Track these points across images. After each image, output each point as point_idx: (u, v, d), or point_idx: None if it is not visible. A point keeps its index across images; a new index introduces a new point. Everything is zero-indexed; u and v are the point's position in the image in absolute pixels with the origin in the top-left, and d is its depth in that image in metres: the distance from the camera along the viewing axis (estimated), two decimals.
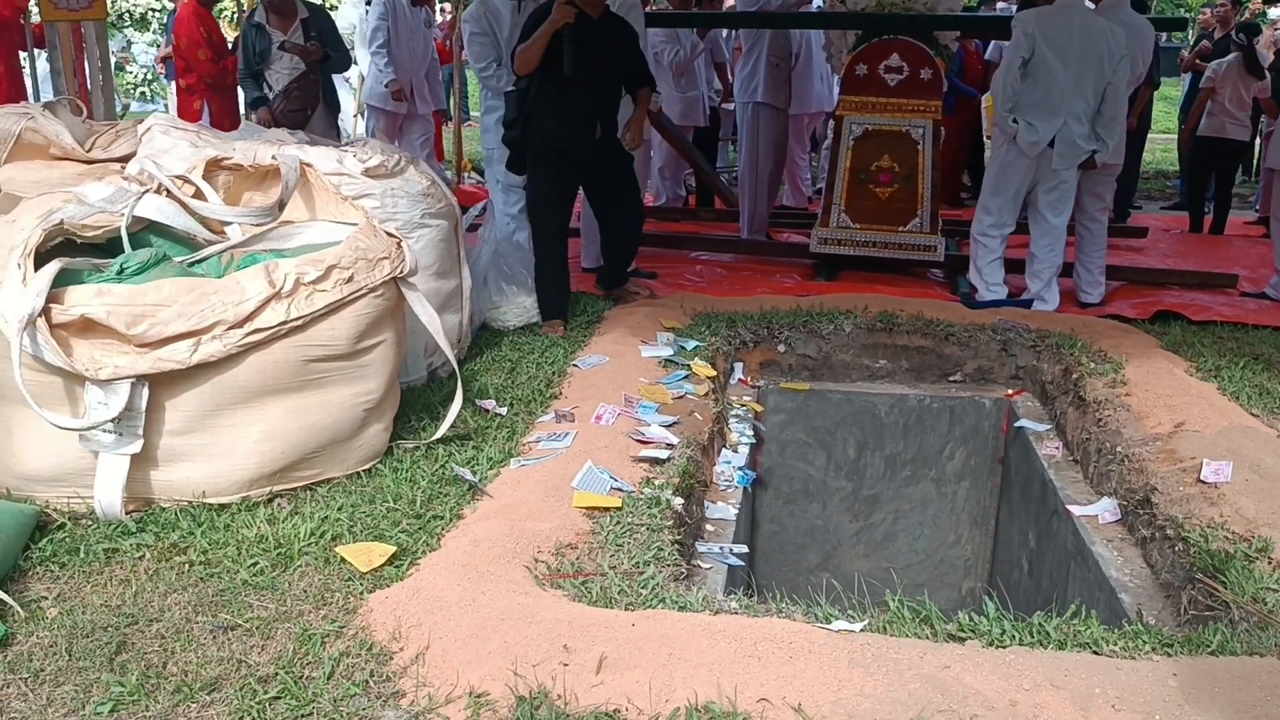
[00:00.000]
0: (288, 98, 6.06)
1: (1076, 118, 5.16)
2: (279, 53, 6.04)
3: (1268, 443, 3.42)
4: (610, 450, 3.19)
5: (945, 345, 4.86)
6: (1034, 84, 5.16)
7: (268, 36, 6.09)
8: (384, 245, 3.04)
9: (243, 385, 2.73)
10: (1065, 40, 5.10)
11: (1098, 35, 5.12)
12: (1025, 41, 5.13)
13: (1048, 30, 5.12)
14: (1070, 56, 5.11)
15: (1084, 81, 5.14)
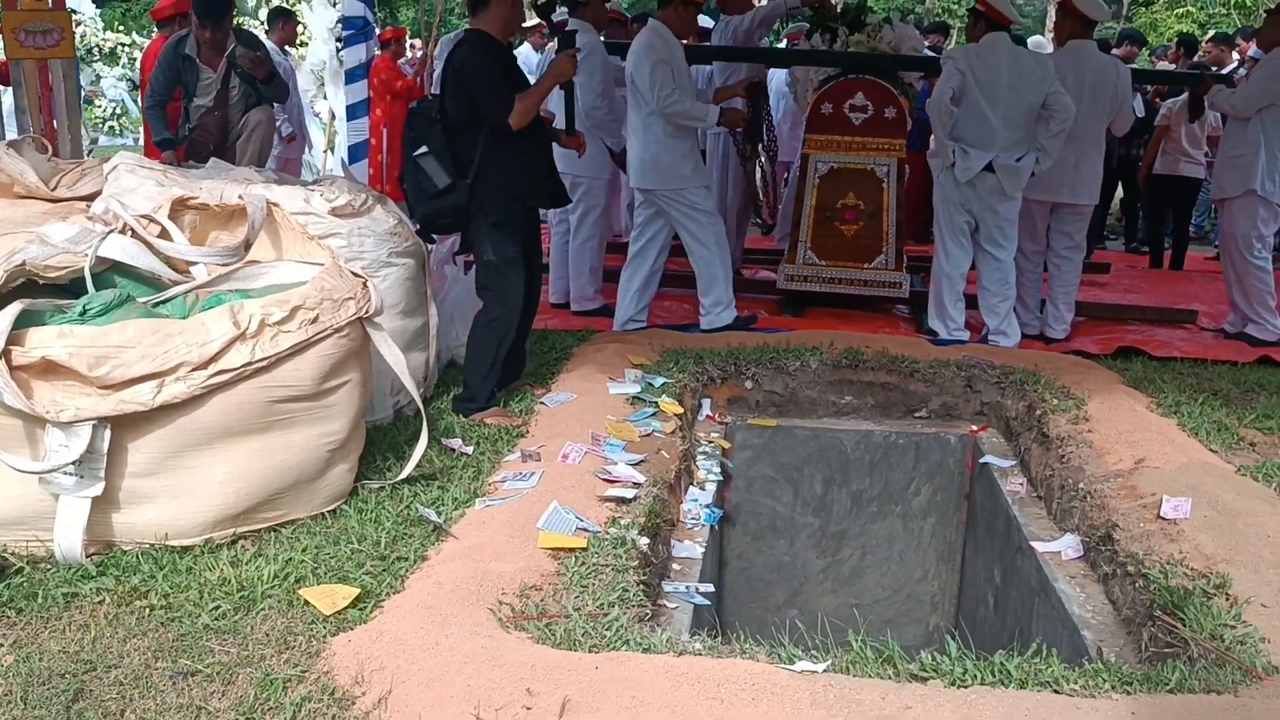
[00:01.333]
0: (191, 139, 5.81)
1: (1010, 147, 5.28)
2: (203, 92, 5.77)
3: (1225, 479, 3.47)
4: (576, 490, 3.20)
5: (910, 381, 4.91)
6: (967, 117, 5.29)
7: (196, 73, 5.78)
8: (349, 285, 3.04)
9: (207, 426, 2.71)
10: (993, 75, 5.23)
11: (1025, 68, 5.25)
12: (955, 77, 5.27)
13: (976, 66, 5.26)
14: (999, 91, 5.25)
15: (1013, 113, 5.26)
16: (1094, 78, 5.44)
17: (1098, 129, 5.59)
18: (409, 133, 3.93)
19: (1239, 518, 3.13)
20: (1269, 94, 5.48)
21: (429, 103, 4.01)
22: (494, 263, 4.02)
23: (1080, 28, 5.50)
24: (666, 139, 5.34)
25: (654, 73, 5.21)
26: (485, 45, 4.01)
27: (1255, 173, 5.53)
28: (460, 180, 3.88)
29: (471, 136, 3.92)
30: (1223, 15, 23.27)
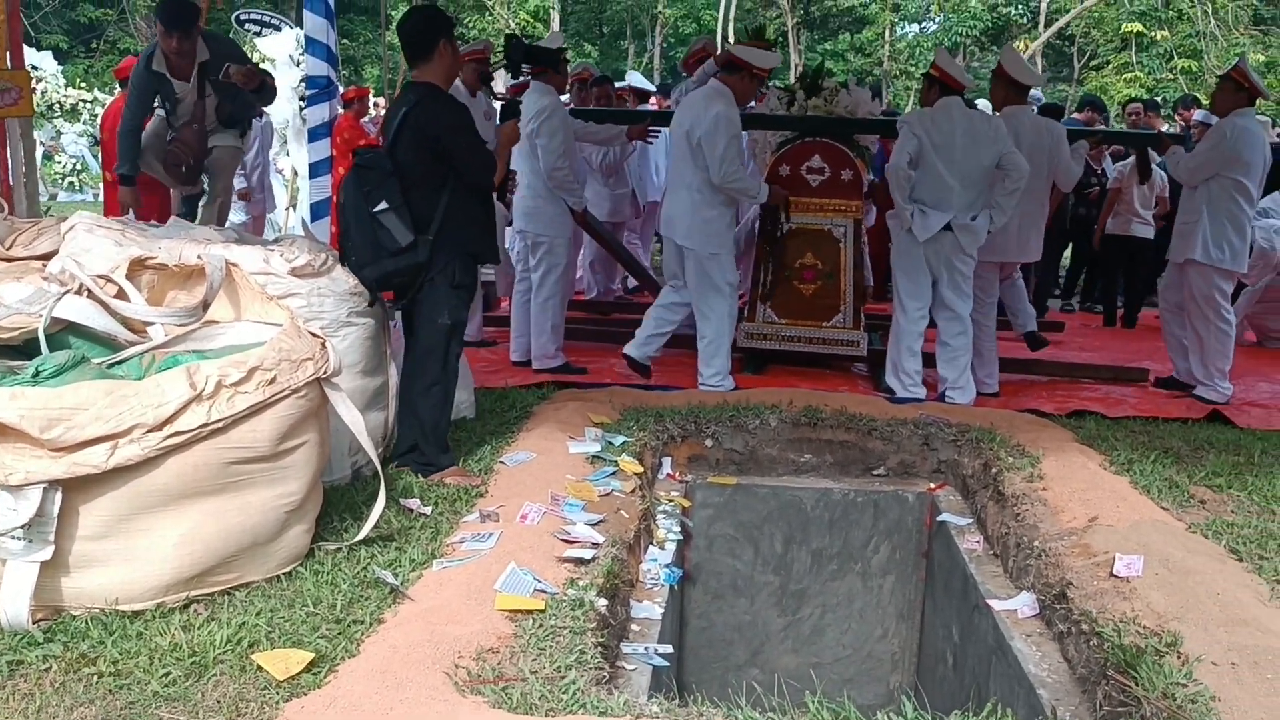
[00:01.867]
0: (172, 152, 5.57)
1: (966, 207, 5.40)
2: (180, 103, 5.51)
3: (1176, 536, 3.53)
4: (534, 550, 3.19)
5: (869, 439, 4.95)
6: (924, 179, 5.41)
7: (170, 85, 5.47)
8: (308, 346, 3.04)
9: (161, 489, 2.69)
10: (948, 138, 5.36)
11: (977, 130, 5.39)
12: (911, 140, 5.38)
13: (931, 130, 5.38)
14: (954, 153, 5.38)
15: (969, 174, 5.40)
16: (1031, 139, 5.63)
17: (1040, 189, 5.78)
18: (360, 186, 3.78)
19: (1189, 575, 3.17)
20: (1213, 164, 5.65)
21: (377, 156, 3.87)
22: (447, 326, 3.97)
23: (1015, 94, 5.70)
24: (719, 207, 5.48)
25: (728, 147, 5.32)
26: (457, 103, 4.07)
27: (1196, 241, 5.70)
28: (422, 237, 3.80)
29: (429, 193, 3.85)
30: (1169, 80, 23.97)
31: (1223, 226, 5.64)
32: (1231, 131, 5.62)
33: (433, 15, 4.08)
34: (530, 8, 26.44)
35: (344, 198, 3.84)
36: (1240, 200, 5.63)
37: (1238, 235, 5.64)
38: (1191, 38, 24.97)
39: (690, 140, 5.39)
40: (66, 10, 26.80)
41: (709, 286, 5.53)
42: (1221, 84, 5.90)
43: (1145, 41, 25.70)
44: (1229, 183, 5.63)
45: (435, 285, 3.92)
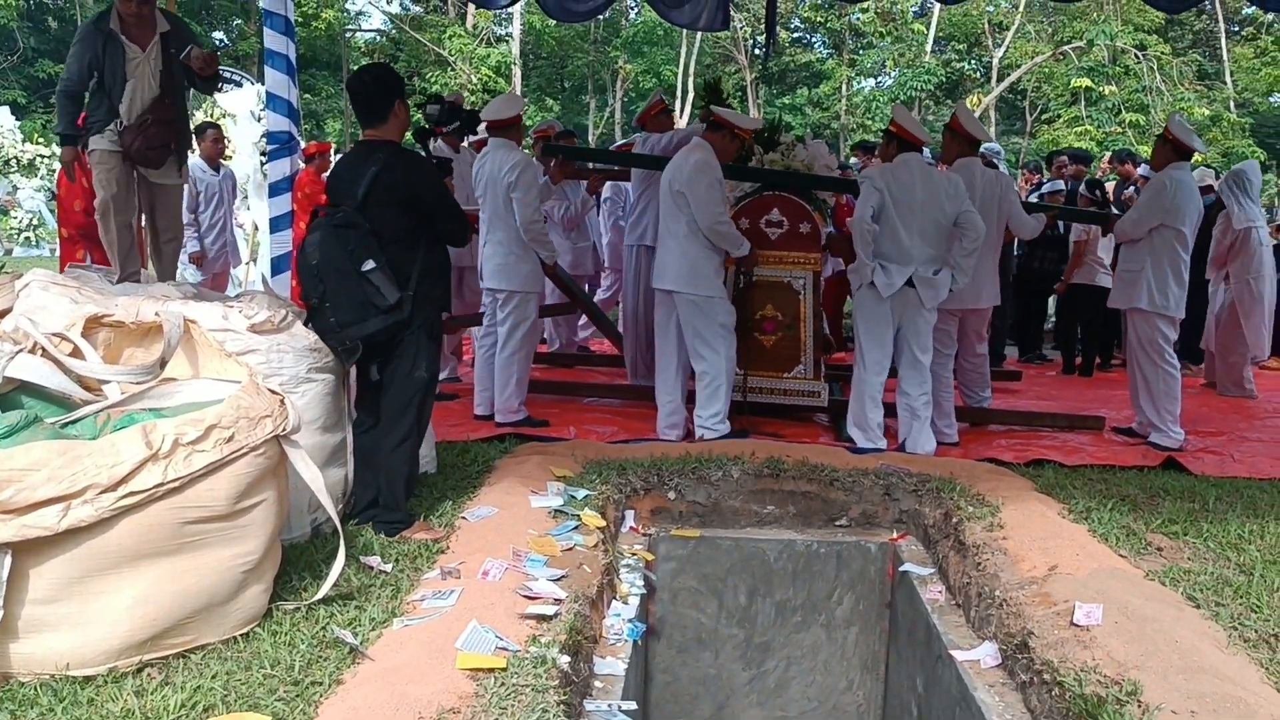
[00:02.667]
0: (142, 132, 5.08)
1: (926, 262, 5.48)
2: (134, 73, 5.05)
3: (1134, 584, 3.56)
4: (496, 607, 3.16)
5: (830, 490, 4.97)
6: (885, 234, 5.49)
7: (121, 50, 5.01)
8: (266, 403, 3.02)
9: (115, 550, 2.65)
10: (908, 193, 5.46)
11: (936, 186, 5.50)
12: (874, 195, 5.47)
13: (892, 185, 5.48)
14: (914, 208, 5.47)
15: (928, 229, 5.49)
16: (984, 191, 5.79)
17: (993, 238, 5.90)
18: (345, 246, 3.77)
19: (1148, 623, 3.20)
20: (1154, 216, 5.82)
21: (354, 215, 3.84)
22: (424, 379, 3.99)
23: (967, 147, 5.84)
24: (706, 250, 5.59)
25: (710, 190, 5.49)
26: (427, 161, 4.12)
27: (1141, 289, 5.86)
28: (405, 294, 3.82)
29: (405, 250, 3.88)
30: (1119, 134, 24.56)
31: (1165, 275, 5.80)
32: (1170, 184, 5.82)
33: (386, 75, 4.10)
34: (492, 63, 26.69)
35: (320, 258, 3.78)
36: (1179, 249, 5.82)
37: (1178, 283, 5.81)
38: (1138, 92, 25.67)
39: (673, 189, 5.55)
40: (25, 66, 26.74)
41: (707, 328, 5.61)
42: (1158, 142, 6.15)
43: (1094, 96, 26.37)
44: (1170, 233, 5.80)
45: (415, 339, 3.93)
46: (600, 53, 31.91)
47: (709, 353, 5.61)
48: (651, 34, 29.22)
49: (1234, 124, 25.72)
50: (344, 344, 3.83)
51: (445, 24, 28.92)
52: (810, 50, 34.15)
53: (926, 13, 30.07)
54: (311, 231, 3.86)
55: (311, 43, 29.17)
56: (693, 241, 5.55)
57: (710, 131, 5.68)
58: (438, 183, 4.03)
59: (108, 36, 4.96)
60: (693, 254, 5.56)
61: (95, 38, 4.98)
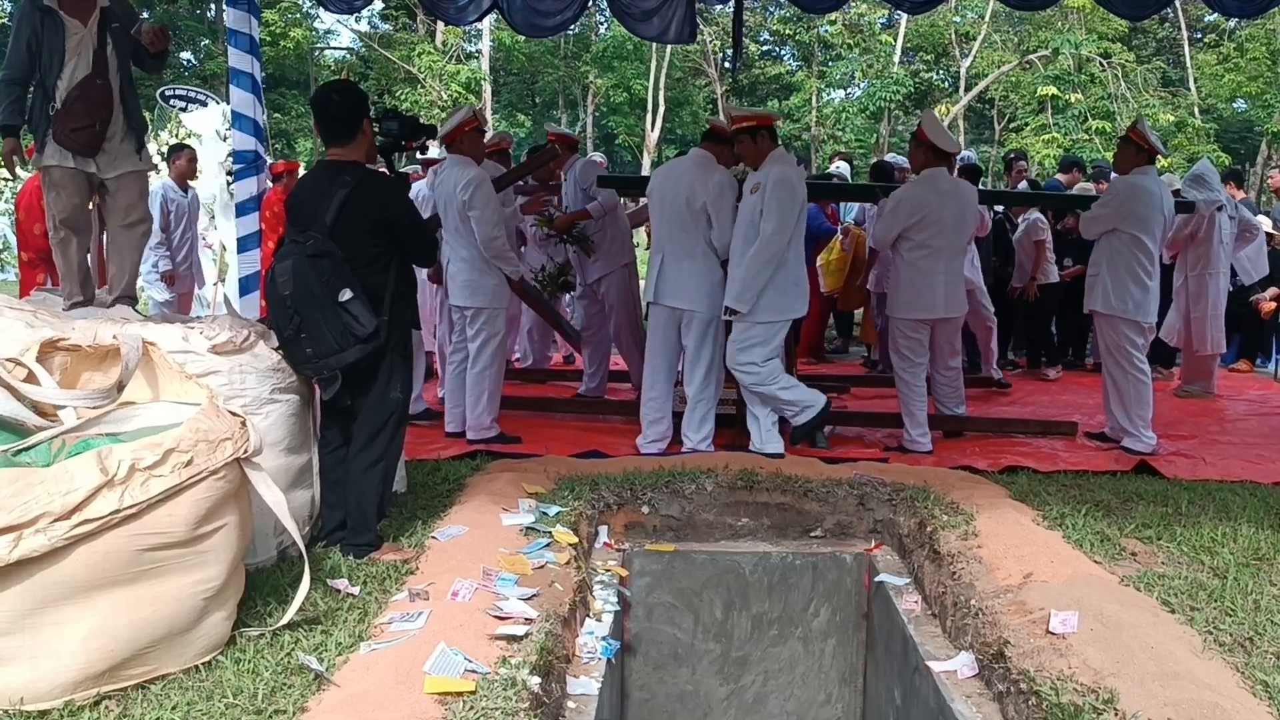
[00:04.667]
0: (69, 113, 4.59)
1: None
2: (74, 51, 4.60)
3: (1109, 590, 3.55)
4: (465, 629, 3.11)
5: (805, 501, 4.94)
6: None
7: (61, 28, 4.59)
8: (227, 425, 2.96)
9: (69, 580, 2.58)
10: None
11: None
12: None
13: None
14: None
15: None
16: (954, 201, 5.81)
17: (959, 245, 5.94)
18: (320, 276, 3.67)
19: (1124, 630, 3.18)
20: (1109, 219, 5.88)
21: (325, 243, 3.73)
22: (398, 400, 3.94)
23: (934, 157, 5.85)
24: (719, 268, 5.61)
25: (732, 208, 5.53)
26: (399, 184, 4.06)
27: (1098, 291, 5.94)
28: (381, 319, 3.76)
29: (377, 273, 3.82)
30: (1085, 140, 24.77)
31: (1122, 278, 5.84)
32: (1126, 189, 5.86)
33: (353, 92, 4.02)
34: (462, 79, 26.65)
35: (294, 289, 3.68)
36: (1137, 253, 5.83)
37: (1138, 287, 5.82)
38: (1104, 100, 25.91)
39: (691, 208, 5.51)
40: None
41: (711, 350, 5.62)
42: (1122, 145, 6.16)
43: (1061, 104, 26.60)
44: (1126, 237, 5.84)
45: (391, 362, 3.89)
46: (570, 68, 31.95)
47: (705, 376, 5.64)
48: (621, 48, 29.27)
49: (1199, 130, 25.99)
50: (322, 374, 3.76)
51: (414, 41, 28.89)
52: (779, 63, 34.32)
53: (894, 24, 30.27)
54: (280, 259, 3.76)
55: (280, 61, 29.05)
56: (710, 261, 5.58)
57: (713, 144, 5.72)
58: (407, 204, 3.98)
59: (45, 12, 4.60)
60: (713, 274, 5.59)
61: (32, 15, 4.60)
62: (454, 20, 11.37)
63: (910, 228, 5.78)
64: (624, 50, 29.35)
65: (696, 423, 5.66)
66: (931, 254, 5.78)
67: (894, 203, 5.83)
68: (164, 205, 8.77)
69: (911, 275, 5.84)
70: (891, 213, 5.83)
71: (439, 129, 5.81)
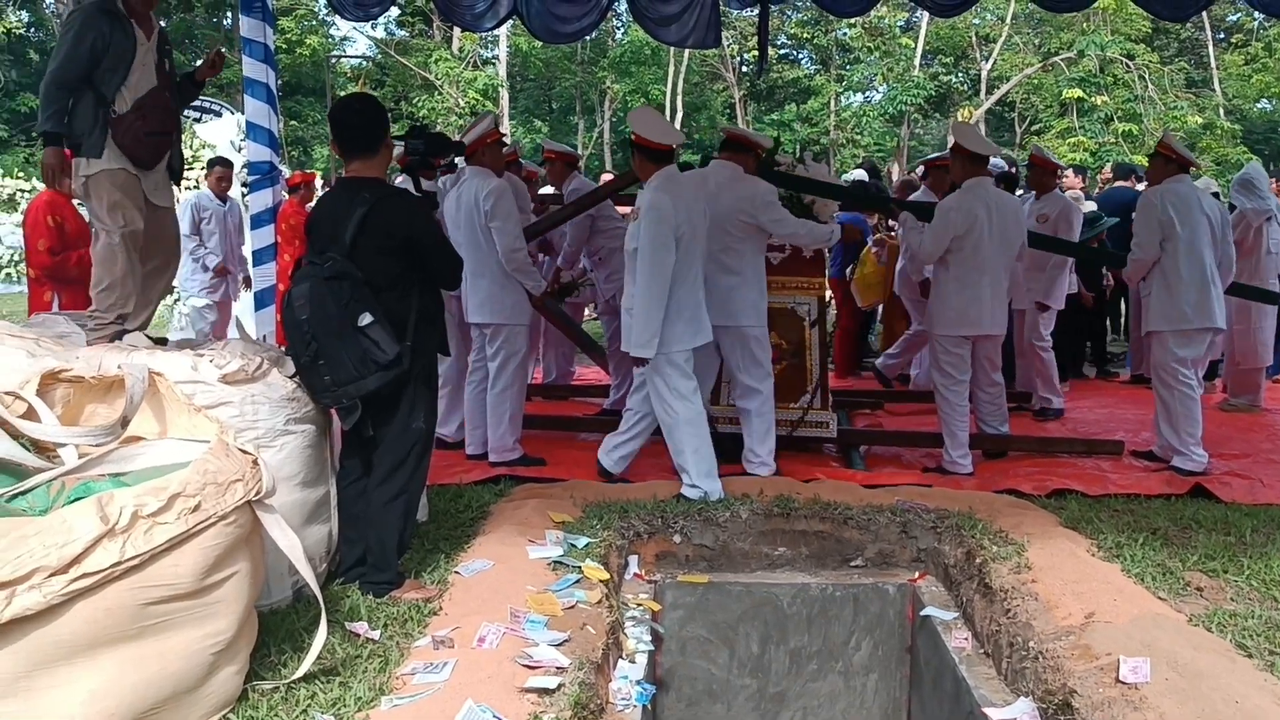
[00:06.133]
0: (142, 116, 4.31)
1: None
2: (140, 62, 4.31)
3: (1179, 632, 3.31)
4: (494, 681, 2.90)
5: (844, 529, 4.72)
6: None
7: (132, 36, 4.30)
8: (236, 466, 2.76)
9: (67, 639, 2.38)
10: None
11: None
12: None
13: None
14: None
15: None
16: (999, 212, 5.54)
17: (1007, 261, 5.68)
18: (339, 300, 3.47)
19: (1201, 679, 2.95)
20: (1153, 232, 5.64)
21: (344, 265, 3.52)
22: (421, 430, 3.73)
23: (975, 166, 5.61)
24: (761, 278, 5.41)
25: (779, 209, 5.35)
26: (420, 201, 3.86)
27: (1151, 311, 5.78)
28: (404, 345, 3.55)
29: (400, 297, 3.62)
30: (1112, 144, 24.44)
31: (1164, 291, 5.65)
32: (1159, 199, 5.65)
33: (373, 106, 3.80)
34: (479, 86, 26.49)
35: (311, 313, 3.48)
36: (1187, 260, 5.59)
37: (1187, 294, 5.59)
38: (1130, 102, 25.55)
39: (733, 220, 5.25)
40: (6, 100, 26.49)
41: (762, 363, 5.41)
42: (1153, 159, 6.01)
43: (1086, 106, 26.26)
44: (1170, 247, 5.62)
45: (415, 389, 3.69)
46: (588, 73, 31.76)
47: (764, 388, 5.42)
48: (639, 54, 29.05)
49: (1226, 131, 25.61)
50: (341, 403, 3.55)
51: (431, 48, 28.74)
52: (798, 66, 34.05)
53: (913, 27, 30.00)
54: (297, 282, 3.55)
55: (296, 69, 28.97)
56: (749, 274, 5.35)
57: (736, 153, 5.50)
58: (430, 223, 3.75)
59: (114, 18, 4.26)
60: (758, 285, 5.39)
61: (99, 19, 4.23)
62: (471, 27, 11.22)
63: (956, 240, 5.53)
64: (642, 55, 29.14)
65: (761, 436, 5.44)
66: (977, 268, 5.54)
67: (942, 214, 5.55)
68: (194, 212, 8.64)
69: (957, 290, 5.59)
70: (941, 225, 5.54)
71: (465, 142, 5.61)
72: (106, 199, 4.29)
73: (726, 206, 5.24)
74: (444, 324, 3.94)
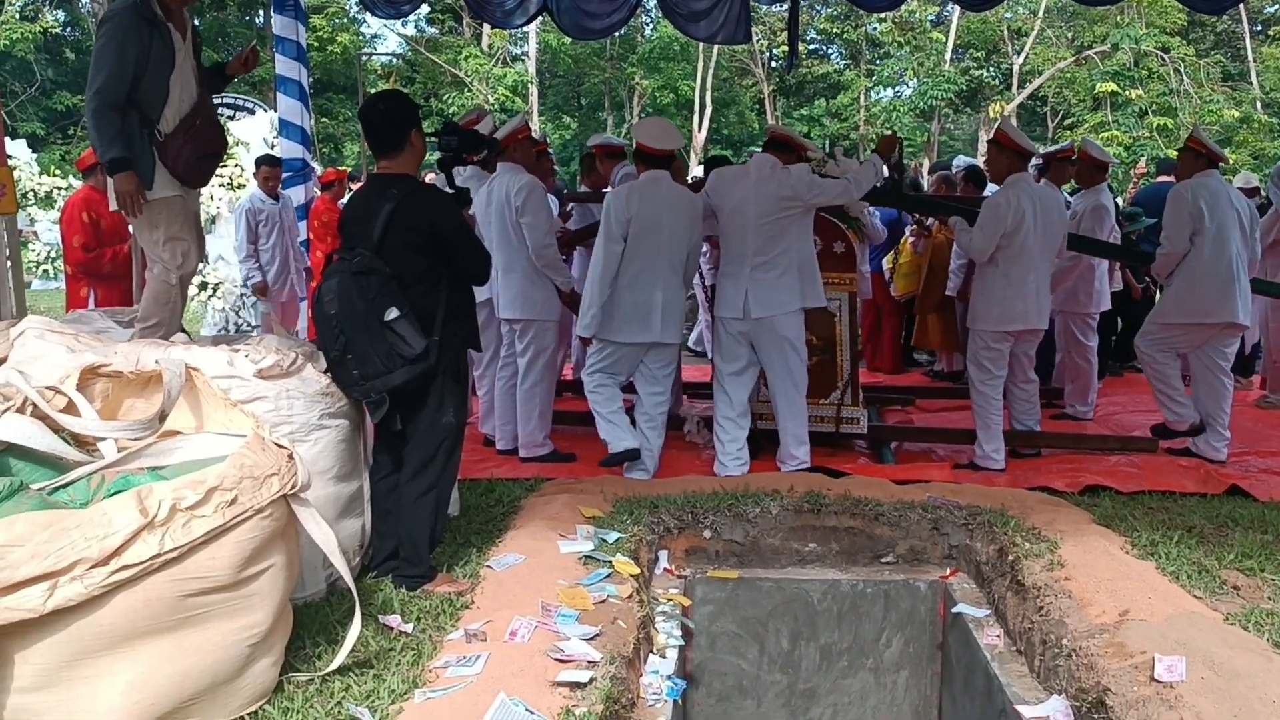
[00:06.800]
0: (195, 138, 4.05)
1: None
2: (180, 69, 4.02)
3: (1216, 631, 3.28)
4: (525, 675, 2.91)
5: (875, 525, 4.70)
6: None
7: (170, 43, 3.99)
8: (273, 460, 2.79)
9: (107, 630, 2.41)
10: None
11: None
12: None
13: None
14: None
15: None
16: (1043, 207, 5.51)
17: (1050, 256, 5.66)
18: (366, 295, 3.48)
19: (1239, 679, 2.92)
20: (1183, 226, 5.63)
21: (371, 260, 3.54)
22: (451, 425, 3.74)
23: (1019, 161, 5.57)
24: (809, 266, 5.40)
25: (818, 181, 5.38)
26: (447, 196, 3.85)
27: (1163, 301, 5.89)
28: (431, 340, 3.56)
29: (427, 291, 3.62)
30: (1146, 139, 24.15)
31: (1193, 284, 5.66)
32: (1190, 192, 5.65)
33: (402, 104, 3.82)
34: (509, 82, 26.56)
35: (340, 308, 3.50)
36: (1212, 256, 5.60)
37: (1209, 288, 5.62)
38: (1165, 95, 25.25)
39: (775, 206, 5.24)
40: (42, 98, 26.79)
41: (792, 353, 5.39)
42: (1182, 154, 6.03)
43: (1120, 100, 25.97)
44: (1198, 241, 5.61)
45: (443, 384, 3.69)
46: (617, 69, 31.75)
47: (801, 378, 5.43)
48: (668, 49, 29.03)
49: (1263, 125, 25.24)
50: (369, 397, 3.58)
51: (461, 45, 28.85)
52: (827, 61, 33.88)
53: (944, 21, 29.77)
54: (327, 278, 3.58)
55: (327, 66, 29.13)
56: (798, 269, 5.33)
57: (780, 152, 5.58)
58: (456, 218, 3.74)
59: (152, 25, 3.91)
60: (804, 273, 5.36)
61: (139, 27, 3.87)
62: (501, 23, 11.29)
63: (1005, 236, 5.48)
64: (670, 51, 29.11)
65: (801, 437, 5.44)
66: (1025, 264, 5.50)
67: (992, 209, 5.50)
68: (249, 218, 8.33)
69: (1003, 285, 5.54)
70: (992, 221, 5.48)
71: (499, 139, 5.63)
72: (164, 232, 4.11)
73: (768, 195, 5.24)
74: (474, 319, 3.96)
